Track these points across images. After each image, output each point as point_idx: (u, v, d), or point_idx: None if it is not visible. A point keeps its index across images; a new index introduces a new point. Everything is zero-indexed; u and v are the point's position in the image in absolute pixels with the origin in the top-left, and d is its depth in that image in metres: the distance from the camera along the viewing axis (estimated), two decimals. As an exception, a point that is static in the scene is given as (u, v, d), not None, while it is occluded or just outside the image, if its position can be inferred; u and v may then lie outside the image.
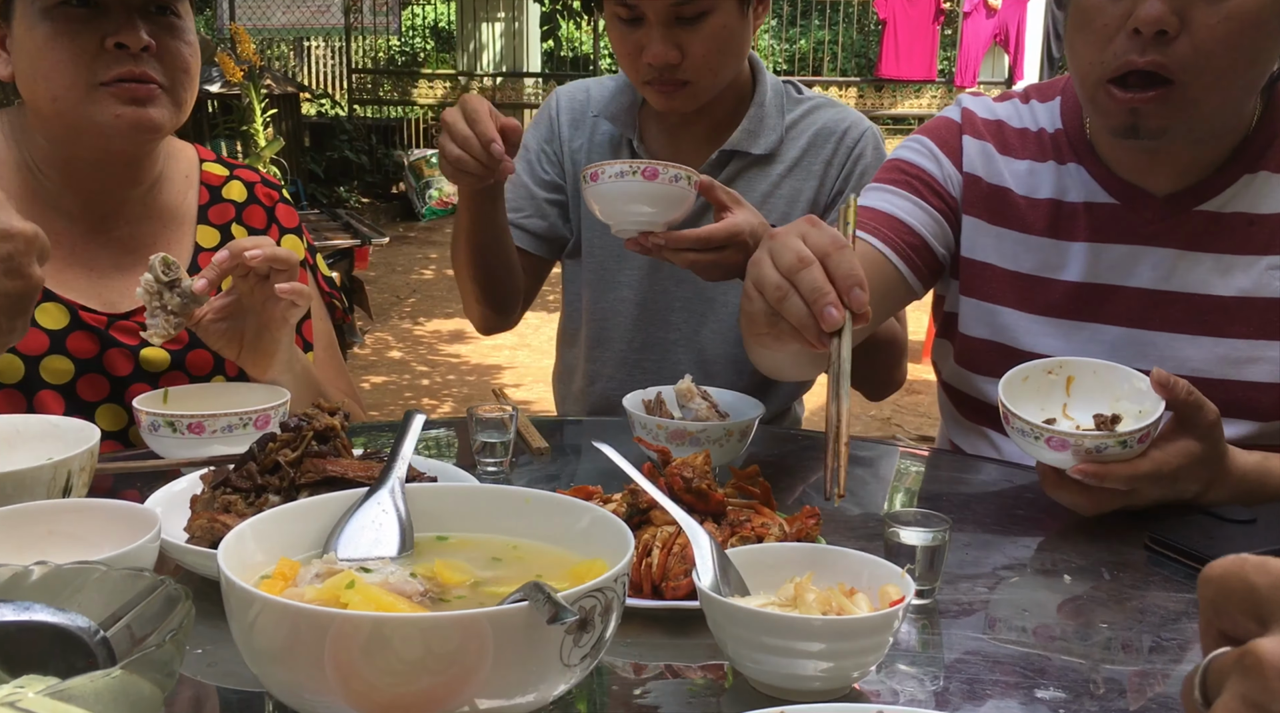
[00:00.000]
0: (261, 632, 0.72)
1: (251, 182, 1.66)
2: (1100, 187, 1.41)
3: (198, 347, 1.53)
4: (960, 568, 1.10)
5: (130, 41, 1.37)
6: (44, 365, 1.45)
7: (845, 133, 1.81)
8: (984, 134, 1.49)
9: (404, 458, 0.98)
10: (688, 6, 1.61)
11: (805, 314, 1.01)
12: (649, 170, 1.41)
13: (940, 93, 12.01)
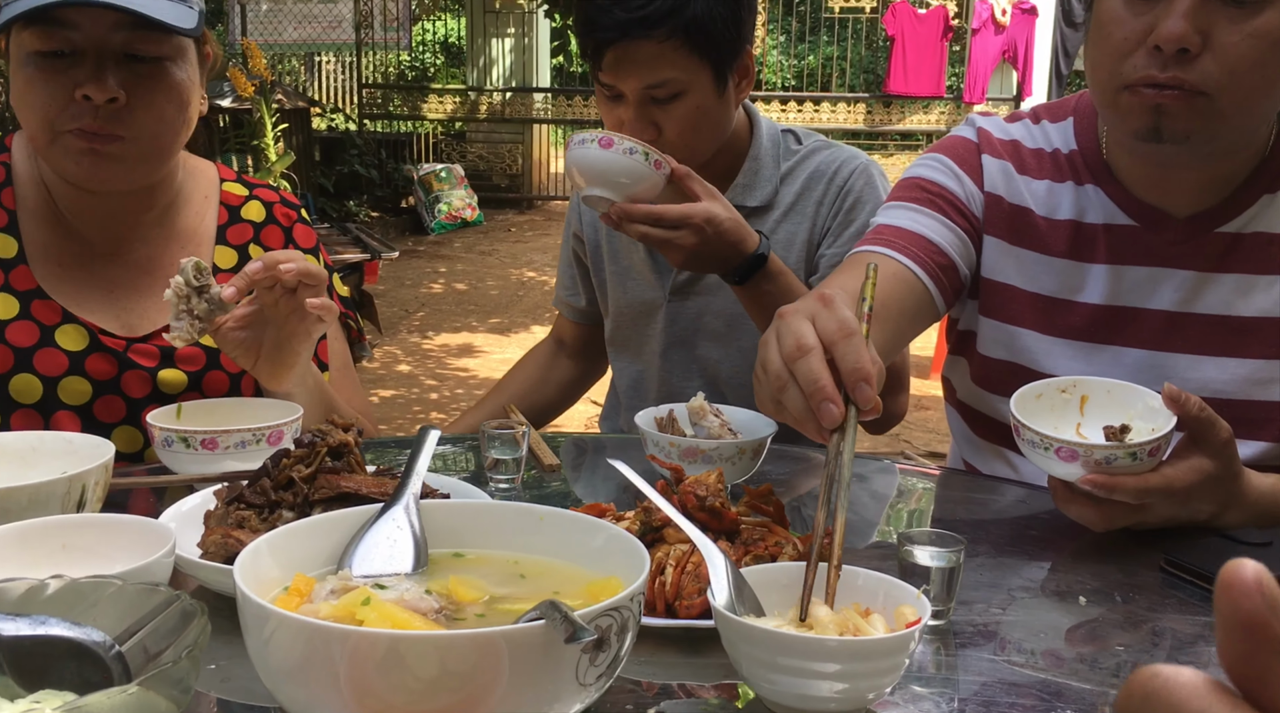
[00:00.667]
0: (277, 648, 0.72)
1: (270, 201, 1.66)
2: (1119, 208, 1.40)
3: (214, 368, 1.53)
4: (974, 589, 1.09)
5: (95, 94, 1.35)
6: (62, 386, 1.46)
7: (836, 172, 1.83)
8: (1002, 153, 1.48)
9: (418, 474, 0.97)
10: (659, 89, 1.66)
11: (803, 408, 0.94)
12: (605, 139, 1.51)
13: (948, 109, 12.02)
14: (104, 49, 1.35)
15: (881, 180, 1.84)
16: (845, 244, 1.79)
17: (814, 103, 12.40)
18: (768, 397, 0.99)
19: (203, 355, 1.54)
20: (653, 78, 1.66)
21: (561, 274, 2.12)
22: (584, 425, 5.12)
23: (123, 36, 1.36)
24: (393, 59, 13.73)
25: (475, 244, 10.74)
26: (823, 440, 0.94)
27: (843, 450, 0.92)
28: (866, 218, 1.78)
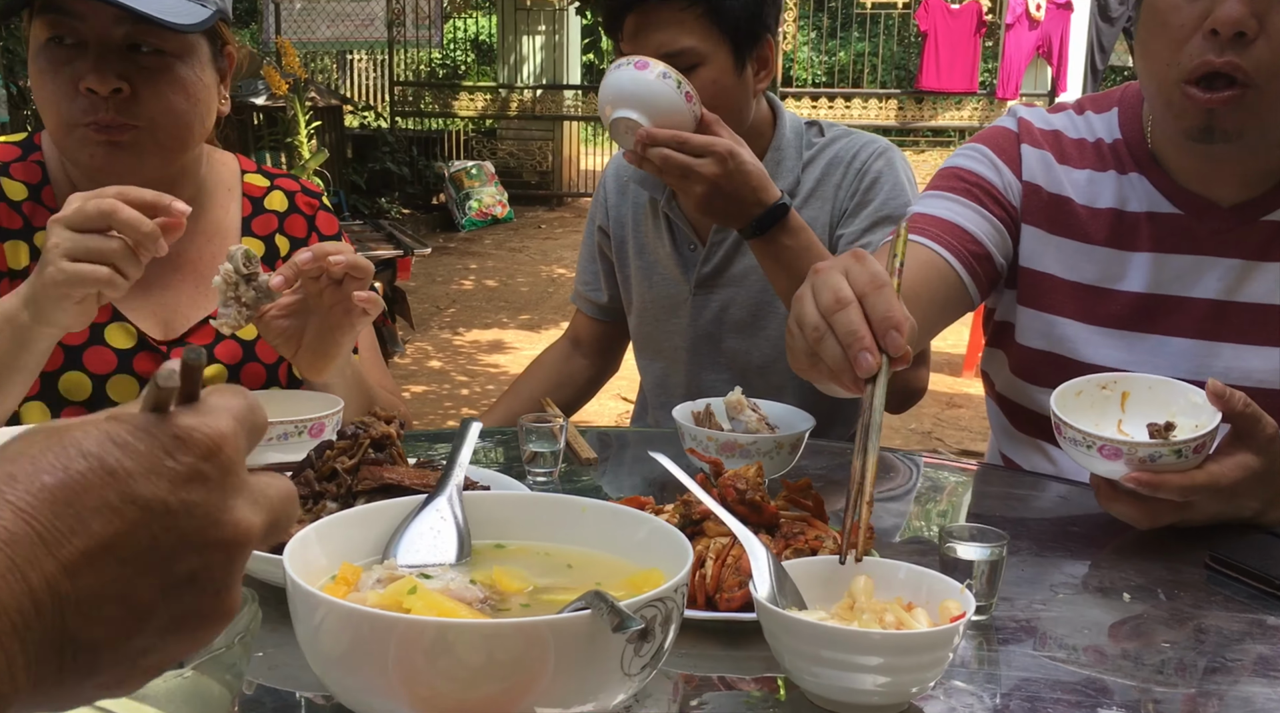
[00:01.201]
0: (327, 635, 0.73)
1: (292, 191, 1.67)
2: (1163, 197, 1.39)
3: (251, 360, 1.55)
4: (1015, 585, 1.08)
5: (96, 86, 1.35)
6: (111, 385, 1.47)
7: (855, 156, 1.82)
8: (1042, 143, 1.48)
9: (461, 466, 0.98)
10: (677, 58, 1.65)
11: (840, 358, 0.95)
12: (640, 62, 1.51)
13: (981, 105, 11.93)
14: (106, 41, 1.37)
15: (901, 163, 1.84)
16: (861, 222, 1.78)
17: (845, 99, 12.35)
18: (803, 351, 1.01)
19: (239, 349, 1.55)
20: (671, 44, 1.66)
21: (582, 270, 2.12)
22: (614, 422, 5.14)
23: (125, 30, 1.37)
24: (424, 57, 13.81)
25: (506, 241, 10.78)
26: (858, 392, 0.96)
27: (874, 398, 0.94)
28: (884, 197, 1.78)
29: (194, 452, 0.50)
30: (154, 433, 0.49)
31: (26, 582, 0.45)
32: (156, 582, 0.49)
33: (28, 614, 0.45)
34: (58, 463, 0.47)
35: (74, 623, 0.47)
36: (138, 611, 0.48)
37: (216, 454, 0.51)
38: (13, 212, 1.46)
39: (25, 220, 1.47)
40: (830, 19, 13.26)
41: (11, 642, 0.45)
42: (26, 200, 1.48)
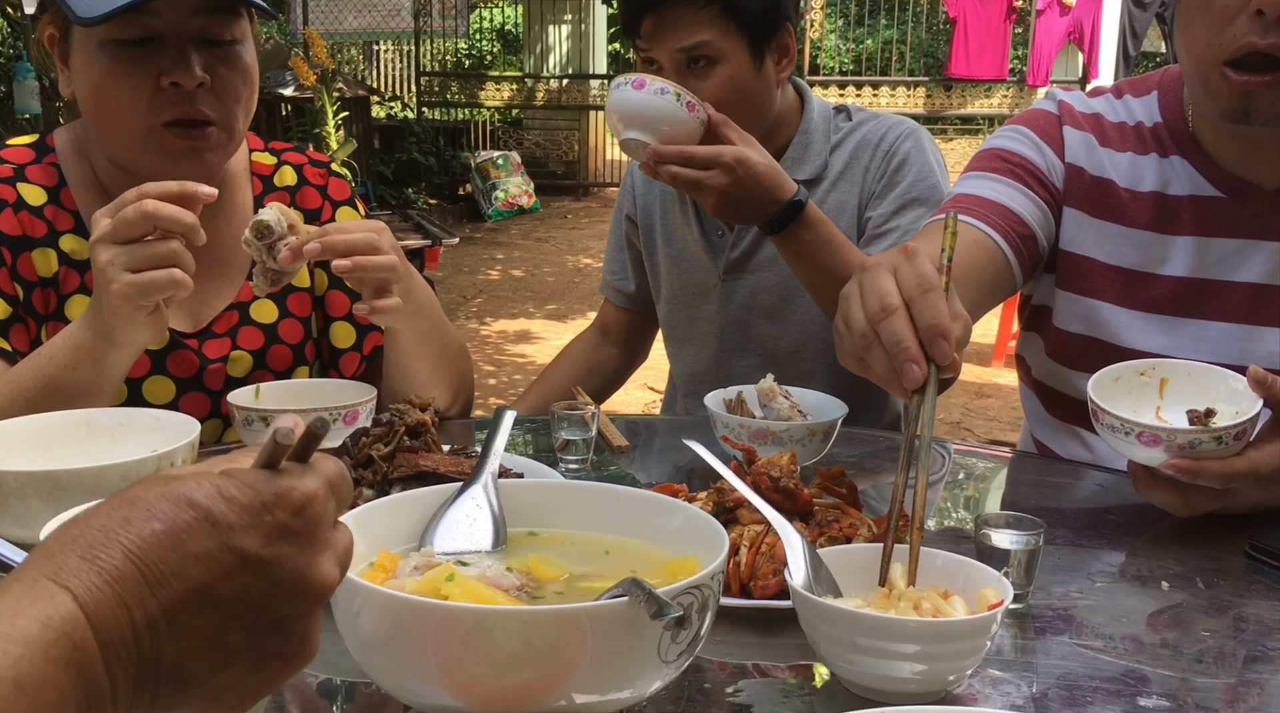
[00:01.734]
0: (366, 622, 0.74)
1: (299, 163, 1.65)
2: (1206, 180, 1.38)
3: (275, 343, 1.56)
4: (1051, 573, 1.08)
5: (184, 80, 1.35)
6: (146, 387, 1.47)
7: (883, 138, 1.82)
8: (1084, 125, 1.46)
9: (496, 454, 0.99)
10: (694, 53, 1.67)
11: (888, 367, 0.93)
12: (637, 81, 1.52)
13: (1011, 92, 11.82)
14: (183, 34, 1.36)
15: (930, 145, 1.83)
16: (890, 204, 1.77)
17: (873, 87, 12.27)
18: (851, 354, 0.99)
19: (260, 334, 1.55)
20: (687, 40, 1.66)
21: (610, 259, 2.12)
22: (642, 411, 5.14)
23: (200, 21, 1.37)
24: (450, 47, 13.83)
25: (532, 231, 10.80)
26: (907, 399, 0.93)
27: (923, 410, 0.91)
28: (913, 179, 1.77)
29: (287, 509, 0.55)
30: (258, 489, 0.55)
31: (130, 618, 0.50)
32: (244, 625, 0.54)
33: (129, 648, 0.50)
34: (169, 511, 0.52)
35: (168, 659, 0.51)
36: (226, 651, 0.53)
37: (304, 511, 0.56)
38: (35, 218, 1.45)
39: (49, 226, 1.46)
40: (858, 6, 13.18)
41: (115, 672, 0.50)
42: (47, 204, 1.46)
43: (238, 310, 1.54)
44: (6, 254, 1.42)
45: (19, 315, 1.42)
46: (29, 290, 1.43)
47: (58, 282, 1.46)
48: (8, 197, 1.44)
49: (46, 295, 1.45)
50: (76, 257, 1.47)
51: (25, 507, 1.01)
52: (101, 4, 1.30)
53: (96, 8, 1.30)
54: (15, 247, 1.42)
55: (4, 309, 1.40)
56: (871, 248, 1.77)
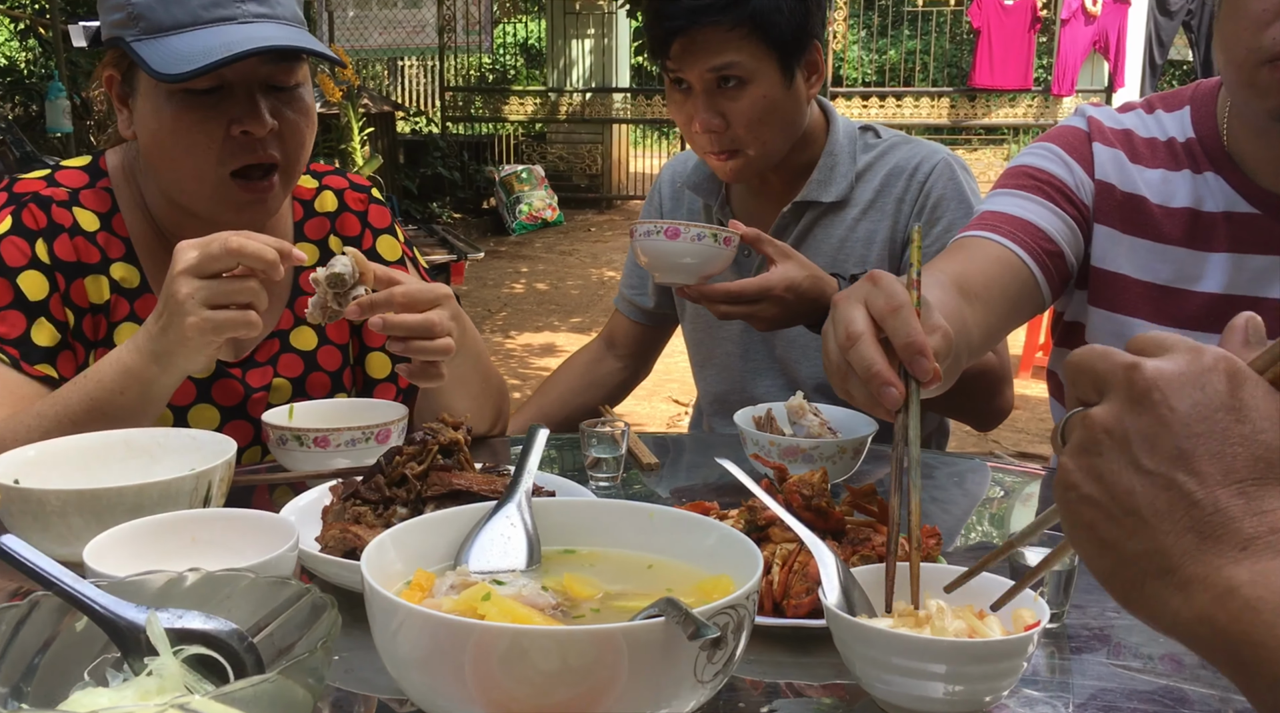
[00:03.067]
0: (404, 640, 0.74)
1: (340, 188, 1.66)
2: (1241, 196, 1.37)
3: (314, 370, 1.57)
4: (1086, 592, 1.07)
5: (256, 129, 1.37)
6: (192, 415, 1.48)
7: (917, 168, 1.80)
8: (1114, 142, 1.46)
9: (530, 472, 0.99)
10: (725, 73, 1.67)
11: (867, 395, 0.92)
12: (671, 230, 1.51)
13: (1036, 102, 11.76)
14: (251, 82, 1.38)
15: (964, 174, 1.82)
16: (931, 244, 1.77)
17: (896, 98, 12.24)
18: (839, 388, 0.98)
19: (300, 361, 1.57)
20: (717, 61, 1.67)
21: (629, 273, 2.12)
22: (665, 424, 5.14)
23: (268, 69, 1.38)
24: (474, 62, 13.92)
25: (556, 244, 10.83)
26: (892, 420, 0.92)
27: (908, 430, 0.90)
28: (952, 216, 1.76)
29: None
30: None
31: None
32: None
33: None
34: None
35: None
36: None
37: None
38: (89, 244, 1.46)
39: (101, 252, 1.47)
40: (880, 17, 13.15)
41: None
42: (100, 231, 1.47)
43: (278, 338, 1.55)
44: (60, 280, 1.43)
45: (68, 342, 1.43)
46: (80, 317, 1.44)
47: (108, 309, 1.46)
48: (64, 221, 1.45)
49: (97, 322, 1.46)
50: (127, 284, 1.48)
51: (67, 525, 1.02)
52: (182, 61, 1.31)
53: (177, 65, 1.31)
54: (69, 272, 1.43)
55: (54, 336, 1.41)
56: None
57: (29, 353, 1.38)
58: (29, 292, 1.39)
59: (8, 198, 1.45)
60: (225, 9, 1.35)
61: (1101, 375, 0.67)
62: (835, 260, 1.80)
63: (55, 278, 1.42)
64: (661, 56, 1.73)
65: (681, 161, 2.02)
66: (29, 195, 1.44)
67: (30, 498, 1.04)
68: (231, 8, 1.35)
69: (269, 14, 1.38)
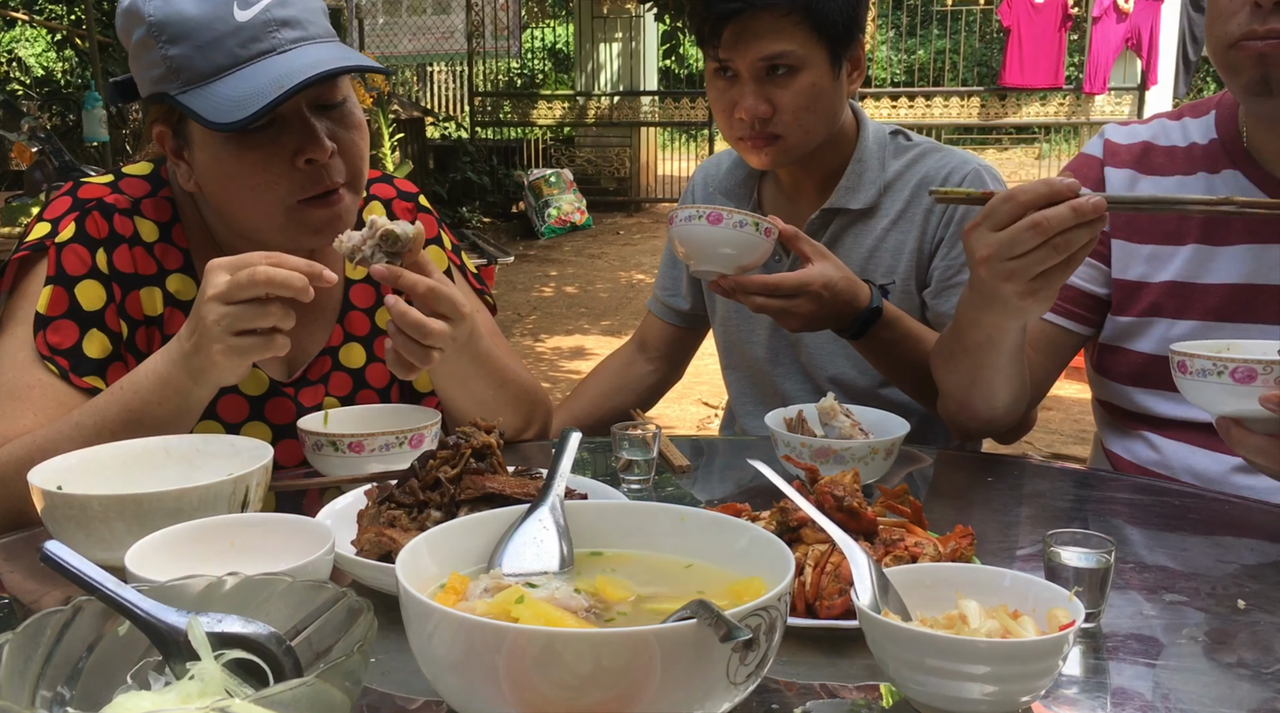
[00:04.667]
0: (440, 643, 0.75)
1: (389, 197, 1.66)
2: (1258, 188, 1.40)
3: (363, 388, 1.58)
4: (1122, 591, 1.06)
5: (319, 155, 1.36)
6: (244, 432, 1.49)
7: (947, 178, 1.79)
8: (1126, 162, 1.50)
9: (563, 475, 1.00)
10: (778, 62, 1.67)
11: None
12: (714, 215, 1.49)
13: (1068, 100, 11.65)
14: (301, 108, 1.37)
15: (994, 183, 1.80)
16: (959, 256, 1.76)
17: (925, 98, 12.17)
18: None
19: (349, 380, 1.57)
20: (771, 48, 1.66)
21: (662, 275, 2.12)
22: (696, 426, 5.14)
23: (314, 92, 1.37)
24: (503, 67, 13.98)
25: (585, 247, 10.86)
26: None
27: None
28: None
29: None
30: None
31: None
32: None
33: None
34: None
35: None
36: None
37: None
38: (147, 255, 1.46)
39: (158, 264, 1.46)
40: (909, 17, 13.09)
41: None
42: (158, 242, 1.47)
43: (329, 356, 1.55)
44: (117, 290, 1.43)
45: (119, 353, 1.43)
46: (134, 329, 1.44)
47: (162, 321, 1.46)
48: (124, 230, 1.45)
49: (150, 334, 1.46)
50: (182, 297, 1.47)
51: (109, 530, 1.04)
52: (234, 107, 1.29)
53: (231, 113, 1.29)
54: (126, 284, 1.44)
55: (105, 346, 1.41)
56: (941, 300, 1.76)
57: (78, 364, 1.38)
58: (85, 302, 1.40)
59: (72, 203, 1.45)
60: (262, 43, 1.33)
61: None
62: (864, 269, 1.79)
63: (112, 288, 1.42)
64: (712, 44, 1.71)
65: (714, 163, 2.02)
66: (93, 202, 1.44)
67: (73, 504, 1.06)
68: (268, 40, 1.33)
69: (305, 36, 1.36)
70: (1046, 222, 1.04)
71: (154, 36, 1.34)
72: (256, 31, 1.33)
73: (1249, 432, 1.14)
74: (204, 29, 1.32)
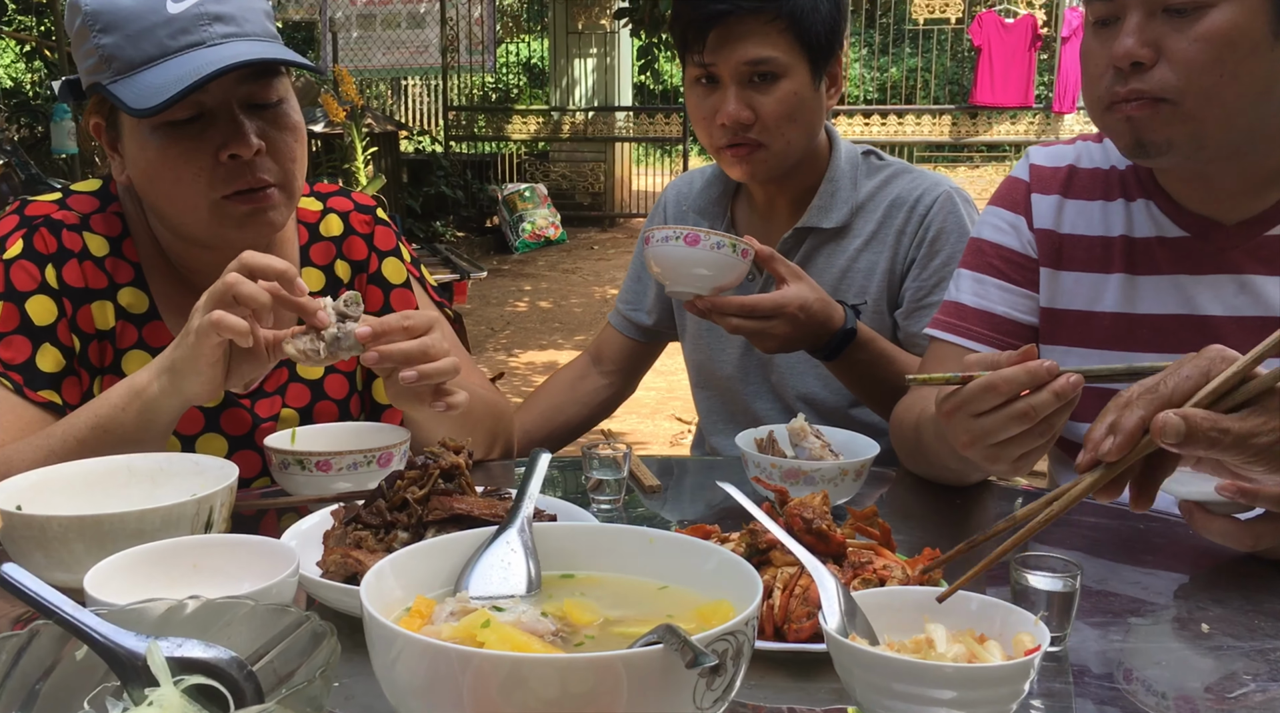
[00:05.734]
0: (403, 668, 0.74)
1: (346, 211, 1.65)
2: (1171, 221, 1.42)
3: (321, 399, 1.57)
4: (1089, 614, 1.07)
5: (243, 151, 1.36)
6: (200, 444, 1.48)
7: (918, 201, 1.81)
8: (1051, 187, 1.52)
9: (531, 497, 0.99)
10: (761, 67, 1.68)
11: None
12: (691, 236, 1.49)
13: (1037, 119, 11.79)
14: (231, 104, 1.37)
15: (966, 207, 1.82)
16: (930, 277, 1.78)
17: (898, 115, 12.28)
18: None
19: (307, 391, 1.56)
20: (755, 53, 1.68)
21: (626, 290, 2.11)
22: (669, 442, 5.13)
23: (246, 89, 1.37)
24: (477, 81, 13.98)
25: (559, 262, 10.85)
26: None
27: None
28: (951, 248, 1.76)
29: None
30: None
31: None
32: None
33: None
34: None
35: None
36: None
37: None
38: (98, 269, 1.45)
39: (109, 278, 1.46)
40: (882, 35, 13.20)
41: None
42: (109, 256, 1.47)
43: (286, 366, 1.54)
44: (68, 305, 1.42)
45: (73, 368, 1.42)
46: (86, 343, 1.44)
47: (114, 335, 1.46)
48: (73, 246, 1.44)
49: (103, 348, 1.45)
50: (134, 310, 1.47)
51: (69, 551, 1.03)
52: (155, 94, 1.30)
53: (151, 98, 1.30)
54: (77, 298, 1.43)
55: (59, 361, 1.40)
56: (912, 321, 1.77)
57: (32, 379, 1.38)
58: (36, 317, 1.40)
59: (19, 221, 1.44)
60: (192, 34, 1.34)
61: None
62: (836, 289, 1.80)
63: (63, 303, 1.42)
64: (695, 49, 1.72)
65: (687, 182, 2.03)
66: (40, 219, 1.44)
67: (32, 524, 1.04)
68: (199, 32, 1.34)
69: (238, 32, 1.36)
70: (1033, 410, 1.05)
71: (89, 26, 1.35)
72: (188, 24, 1.34)
73: (1212, 516, 1.15)
74: (135, 19, 1.33)
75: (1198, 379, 0.95)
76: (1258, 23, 1.23)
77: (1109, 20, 1.29)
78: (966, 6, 11.90)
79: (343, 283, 1.61)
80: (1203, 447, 0.93)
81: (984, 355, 1.13)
